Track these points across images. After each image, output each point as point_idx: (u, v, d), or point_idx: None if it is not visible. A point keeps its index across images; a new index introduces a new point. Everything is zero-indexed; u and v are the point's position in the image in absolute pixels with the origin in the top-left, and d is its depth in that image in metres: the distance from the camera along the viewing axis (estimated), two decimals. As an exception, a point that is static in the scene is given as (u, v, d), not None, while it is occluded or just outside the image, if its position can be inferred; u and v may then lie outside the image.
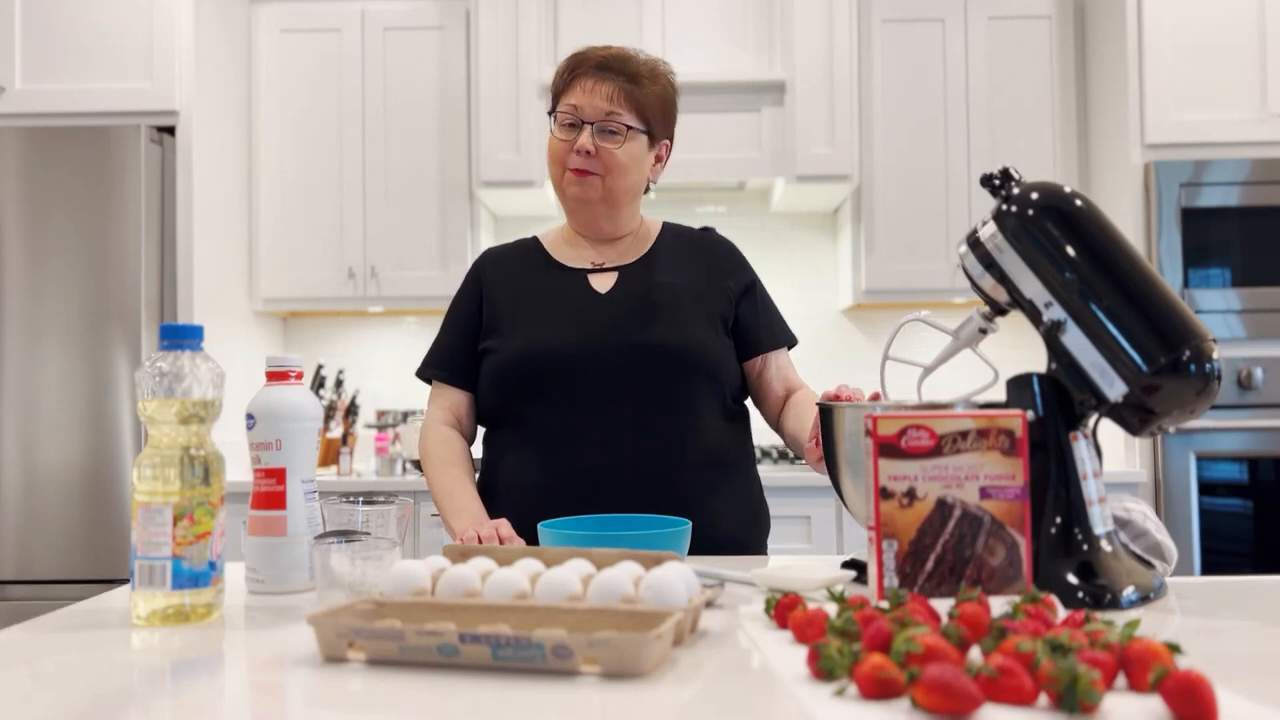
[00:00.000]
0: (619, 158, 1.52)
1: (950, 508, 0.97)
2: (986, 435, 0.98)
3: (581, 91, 1.52)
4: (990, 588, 0.97)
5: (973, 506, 0.97)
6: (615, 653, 0.75)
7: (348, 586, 0.99)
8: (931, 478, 0.97)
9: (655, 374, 1.48)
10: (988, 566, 0.97)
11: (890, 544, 0.98)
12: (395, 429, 3.26)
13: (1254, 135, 2.96)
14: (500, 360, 1.53)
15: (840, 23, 3.20)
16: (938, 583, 0.97)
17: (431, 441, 1.57)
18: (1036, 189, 1.10)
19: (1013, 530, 0.97)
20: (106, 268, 2.81)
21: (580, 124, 1.51)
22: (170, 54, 2.95)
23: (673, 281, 1.56)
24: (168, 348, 1.02)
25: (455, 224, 3.32)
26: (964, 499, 0.97)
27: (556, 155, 1.55)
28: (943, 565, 0.97)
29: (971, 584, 0.96)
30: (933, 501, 0.97)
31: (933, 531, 0.97)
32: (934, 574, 0.97)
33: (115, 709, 0.72)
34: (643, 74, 1.54)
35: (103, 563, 2.77)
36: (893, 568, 0.97)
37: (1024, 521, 0.98)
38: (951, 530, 0.97)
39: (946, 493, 0.98)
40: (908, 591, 0.97)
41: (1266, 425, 2.85)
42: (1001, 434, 0.98)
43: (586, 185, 1.53)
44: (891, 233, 3.26)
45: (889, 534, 0.98)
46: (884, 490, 0.98)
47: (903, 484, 0.98)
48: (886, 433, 0.98)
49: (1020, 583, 0.97)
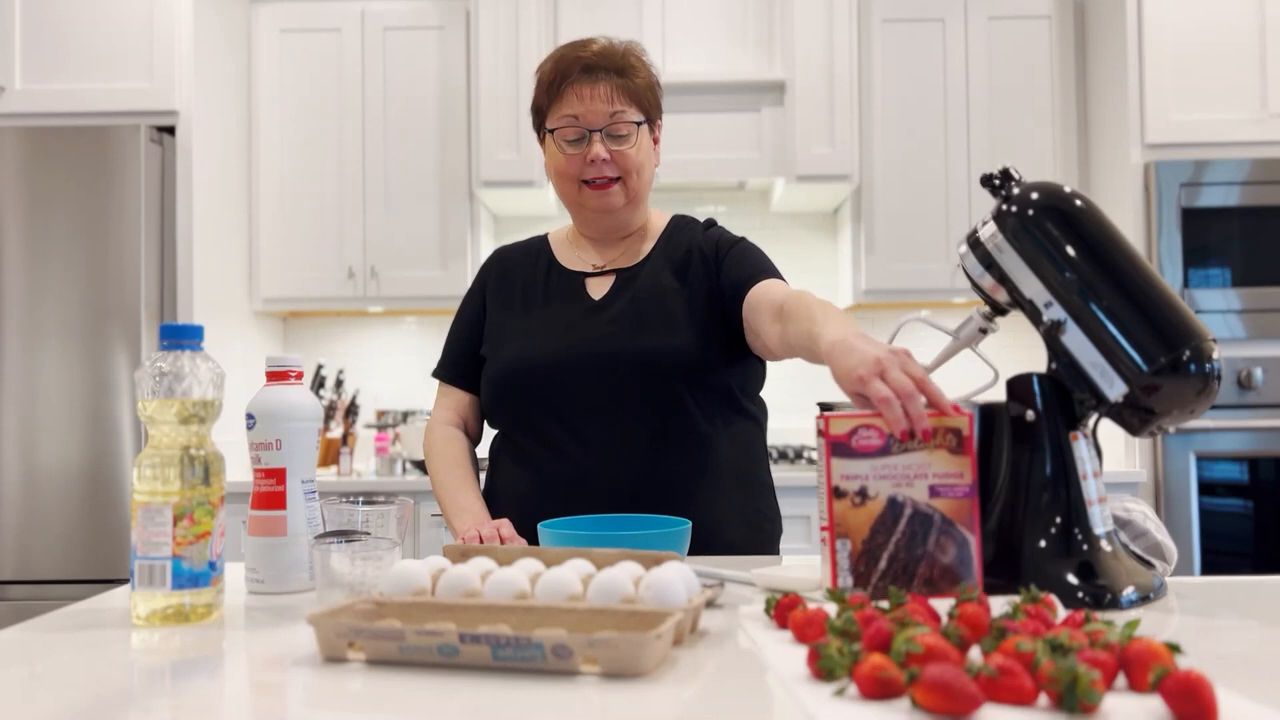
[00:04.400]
0: (633, 157, 1.49)
1: (901, 506, 0.98)
2: (934, 434, 0.99)
3: (577, 99, 1.47)
4: (941, 586, 0.98)
5: (923, 505, 0.98)
6: (615, 653, 0.75)
7: (348, 586, 0.99)
8: (882, 476, 0.98)
9: (641, 383, 1.44)
10: (939, 564, 0.98)
11: (844, 543, 0.98)
12: (395, 429, 3.26)
13: (1254, 135, 2.96)
14: (492, 370, 1.53)
15: (840, 23, 3.20)
16: (890, 581, 0.98)
17: (435, 440, 1.57)
18: (1036, 189, 1.10)
19: (962, 528, 0.98)
20: (106, 268, 2.81)
21: (586, 133, 1.47)
22: (170, 54, 2.95)
23: (665, 286, 1.52)
24: (168, 348, 1.02)
25: (455, 224, 3.32)
26: (914, 498, 0.98)
27: (566, 172, 1.49)
28: (895, 564, 0.98)
29: (924, 582, 0.98)
30: (884, 500, 0.98)
31: (885, 530, 0.98)
32: (887, 573, 0.98)
33: (115, 709, 0.72)
34: (631, 64, 1.50)
35: (103, 563, 2.77)
36: (846, 567, 0.98)
37: (973, 519, 0.99)
38: (903, 529, 0.98)
39: (897, 491, 0.99)
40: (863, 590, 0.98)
41: (1266, 425, 2.85)
42: (949, 433, 0.99)
43: (611, 196, 1.49)
44: (891, 233, 3.26)
45: (842, 533, 0.99)
46: (837, 490, 0.99)
47: (855, 483, 0.99)
48: (838, 432, 0.99)
49: (971, 580, 0.98)
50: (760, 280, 1.46)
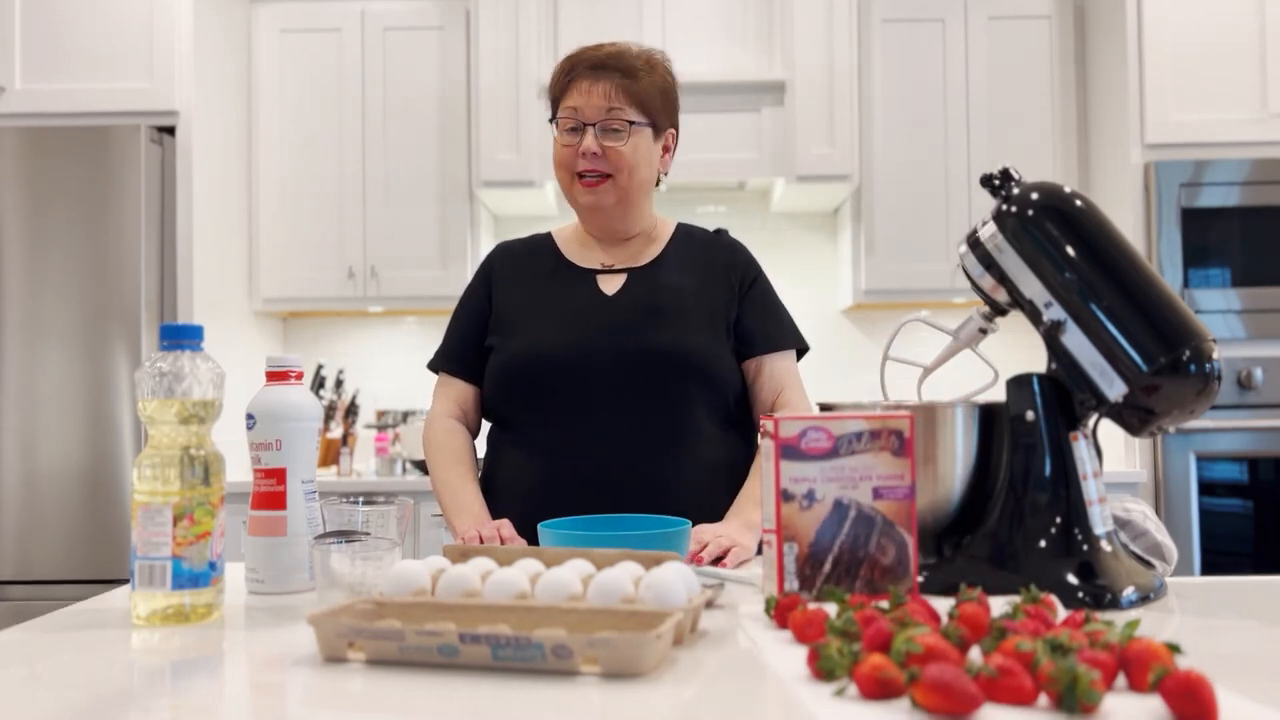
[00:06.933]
0: (626, 155, 1.50)
1: (846, 508, 0.99)
2: (879, 436, 1.00)
3: (579, 93, 1.50)
4: (880, 586, 0.99)
5: (866, 507, 0.99)
6: (615, 653, 0.75)
7: (348, 586, 0.99)
8: (829, 479, 0.99)
9: (653, 378, 1.46)
10: (880, 565, 0.99)
11: (791, 547, 0.99)
12: (395, 429, 3.26)
13: (1254, 135, 2.96)
14: (501, 360, 1.53)
15: (840, 23, 3.20)
16: (834, 583, 0.99)
17: (437, 434, 1.57)
18: (1036, 189, 1.10)
19: (901, 529, 1.00)
20: (106, 268, 2.81)
21: (582, 126, 1.50)
22: (170, 54, 2.94)
23: (680, 285, 1.54)
24: (168, 348, 1.02)
25: (455, 224, 3.32)
26: (859, 499, 0.99)
27: (563, 162, 1.53)
28: (840, 566, 0.99)
29: (865, 583, 0.99)
30: (830, 503, 0.99)
31: (830, 532, 0.99)
32: (831, 575, 0.99)
33: (115, 709, 0.72)
34: (638, 67, 1.51)
35: (103, 563, 2.77)
36: (793, 570, 0.99)
37: (911, 520, 1.00)
38: (848, 531, 0.99)
39: (843, 494, 0.99)
40: (808, 593, 0.99)
41: (1266, 425, 2.85)
42: (892, 435, 1.00)
43: (600, 192, 1.51)
44: (891, 233, 3.26)
45: (790, 536, 0.99)
46: (785, 493, 0.99)
47: (803, 486, 0.99)
48: (787, 434, 0.99)
49: (908, 581, 0.99)
50: (779, 352, 1.57)
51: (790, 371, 1.58)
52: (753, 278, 1.60)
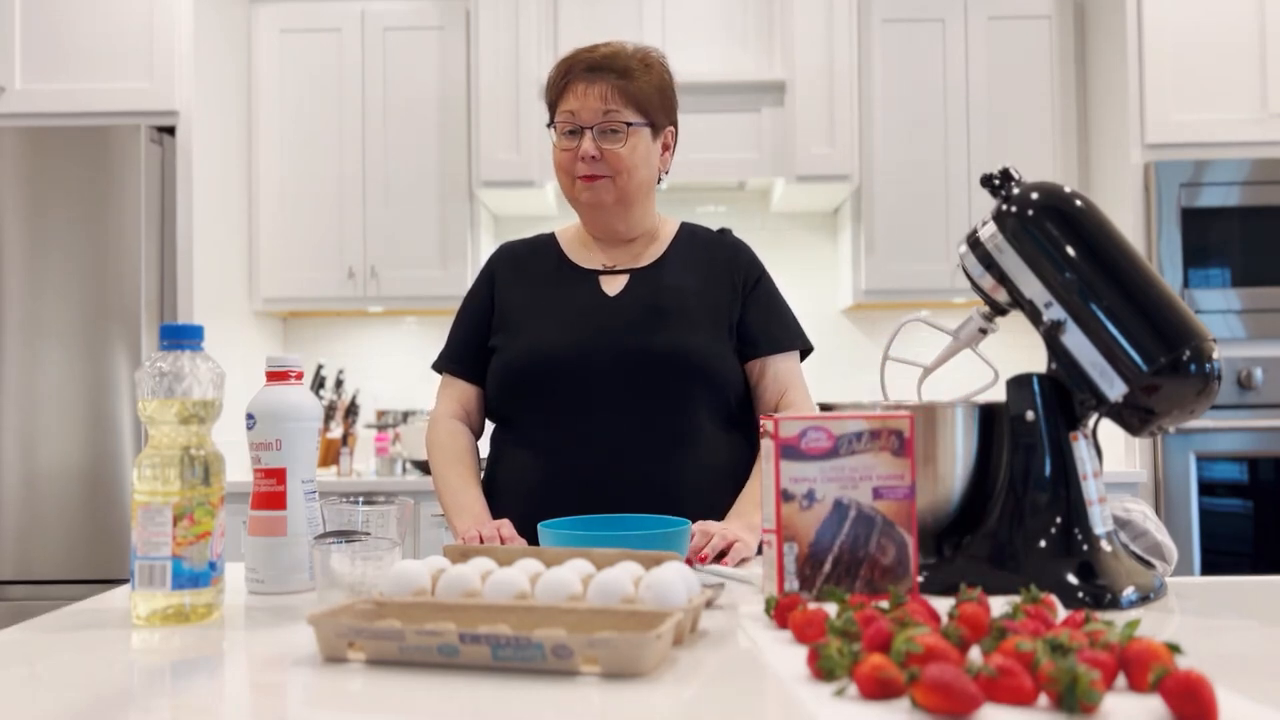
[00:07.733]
0: (625, 157, 1.49)
1: (846, 508, 0.99)
2: (879, 436, 1.00)
3: (575, 96, 1.50)
4: (880, 586, 0.99)
5: (866, 507, 0.99)
6: (615, 653, 0.75)
7: (348, 586, 0.99)
8: (829, 479, 0.99)
9: (655, 379, 1.46)
10: (880, 565, 0.99)
11: (791, 547, 0.99)
12: (395, 429, 3.26)
13: (1254, 135, 2.96)
14: (504, 360, 1.53)
15: (840, 23, 3.20)
16: (834, 583, 0.99)
17: (440, 434, 1.57)
18: (1036, 189, 1.10)
19: (902, 529, 1.00)
20: (106, 268, 2.81)
21: (580, 129, 1.49)
22: (170, 54, 2.94)
23: (682, 285, 1.54)
24: (168, 348, 1.02)
25: (455, 224, 3.32)
26: (859, 499, 0.99)
27: (563, 165, 1.53)
28: (840, 566, 0.99)
29: (865, 584, 0.99)
30: (830, 503, 0.99)
31: (830, 532, 0.99)
32: (831, 575, 0.99)
33: (115, 709, 0.72)
34: (634, 67, 1.51)
35: (103, 563, 2.77)
36: (793, 570, 0.99)
37: (911, 520, 1.00)
38: (848, 531, 0.99)
39: (843, 494, 0.99)
40: (808, 593, 0.99)
41: (1266, 425, 2.85)
42: (892, 435, 1.00)
43: (598, 190, 1.51)
44: (891, 233, 3.26)
45: (789, 536, 0.99)
46: (785, 493, 0.99)
47: (803, 486, 0.99)
48: (788, 434, 0.99)
49: (908, 581, 0.99)
50: (782, 354, 1.56)
51: (794, 372, 1.58)
52: (756, 278, 1.60)
